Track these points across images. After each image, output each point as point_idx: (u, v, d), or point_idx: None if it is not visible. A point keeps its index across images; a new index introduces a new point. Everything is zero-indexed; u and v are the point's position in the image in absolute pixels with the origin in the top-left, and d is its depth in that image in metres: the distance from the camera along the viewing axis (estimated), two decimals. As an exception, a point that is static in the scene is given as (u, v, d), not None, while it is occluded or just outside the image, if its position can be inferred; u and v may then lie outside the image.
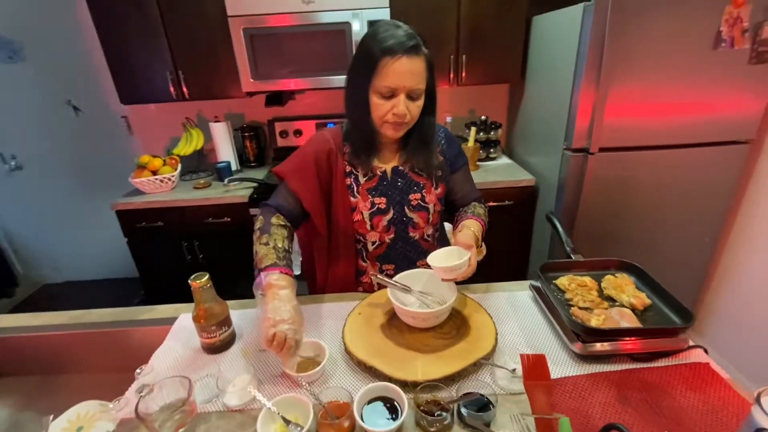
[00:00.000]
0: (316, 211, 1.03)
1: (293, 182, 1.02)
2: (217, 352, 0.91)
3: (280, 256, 0.90)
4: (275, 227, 0.96)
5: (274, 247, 0.92)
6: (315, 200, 1.02)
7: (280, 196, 1.03)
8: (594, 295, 0.91)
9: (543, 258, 2.01)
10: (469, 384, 0.78)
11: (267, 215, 0.99)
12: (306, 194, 1.02)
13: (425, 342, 0.86)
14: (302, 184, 1.02)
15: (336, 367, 0.85)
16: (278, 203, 1.02)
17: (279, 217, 1.00)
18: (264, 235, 0.94)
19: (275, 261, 0.88)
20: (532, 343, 0.89)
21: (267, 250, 0.90)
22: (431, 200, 1.06)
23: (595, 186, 1.68)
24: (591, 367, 0.81)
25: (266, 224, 0.97)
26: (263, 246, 0.92)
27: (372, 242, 1.08)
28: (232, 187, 2.03)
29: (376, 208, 1.03)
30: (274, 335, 0.75)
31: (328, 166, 1.03)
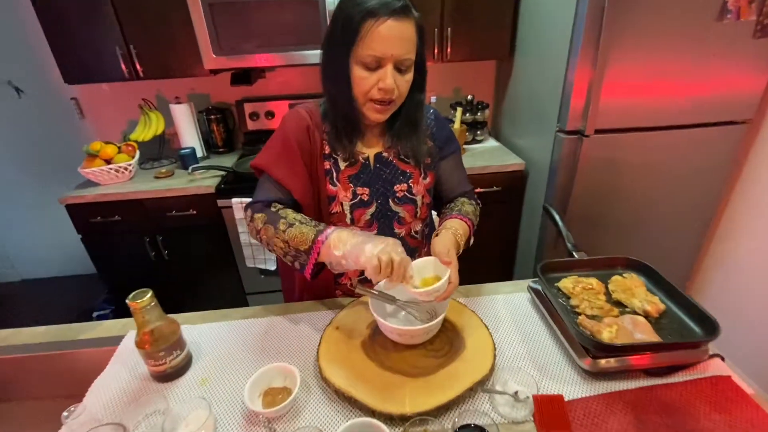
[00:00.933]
0: (308, 201, 0.89)
1: (278, 171, 0.86)
2: (168, 380, 0.77)
3: (316, 223, 0.80)
4: (282, 210, 0.84)
5: (303, 221, 0.80)
6: (305, 188, 0.88)
7: (265, 191, 0.88)
8: (602, 301, 0.81)
9: (531, 249, 1.93)
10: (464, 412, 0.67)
11: (263, 210, 0.85)
12: (295, 182, 0.87)
13: (414, 363, 0.74)
14: (288, 171, 0.87)
15: (309, 396, 0.72)
16: (269, 198, 0.87)
17: (276, 205, 0.86)
18: (280, 223, 0.80)
19: (316, 229, 0.78)
20: (535, 356, 0.78)
21: (298, 229, 0.78)
22: (419, 191, 0.93)
23: (589, 170, 1.57)
24: (602, 385, 0.72)
25: (270, 215, 0.83)
26: (291, 229, 0.79)
27: None
28: (197, 176, 1.84)
29: (358, 199, 0.90)
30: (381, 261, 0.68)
31: (309, 147, 0.88)
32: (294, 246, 0.78)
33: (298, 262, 0.80)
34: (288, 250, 0.80)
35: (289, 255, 0.80)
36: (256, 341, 0.85)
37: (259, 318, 0.93)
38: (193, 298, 2.02)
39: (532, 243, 1.91)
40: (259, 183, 0.90)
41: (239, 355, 0.82)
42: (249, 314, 0.94)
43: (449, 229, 0.84)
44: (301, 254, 0.78)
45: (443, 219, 0.92)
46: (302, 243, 0.77)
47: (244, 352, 0.83)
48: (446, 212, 0.95)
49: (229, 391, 0.74)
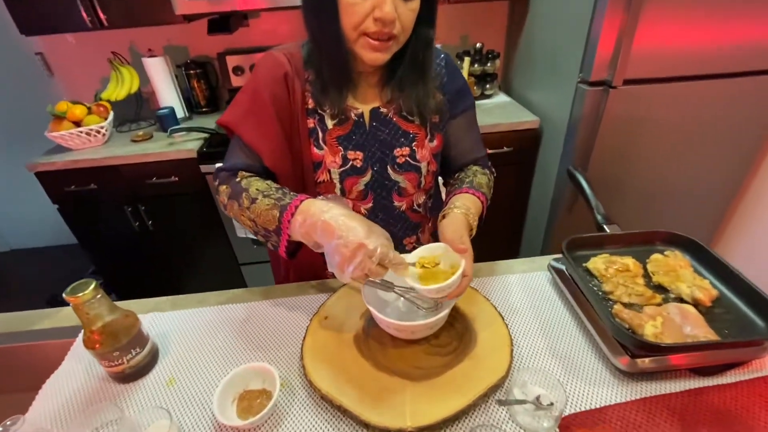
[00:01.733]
0: (284, 168, 0.74)
1: (245, 131, 0.72)
2: (129, 381, 0.66)
3: (282, 194, 0.66)
4: (246, 180, 0.71)
5: (267, 193, 0.66)
6: (279, 153, 0.73)
7: (235, 155, 0.74)
8: (641, 285, 0.68)
9: (541, 220, 1.78)
10: (475, 422, 0.56)
11: (228, 180, 0.72)
12: (265, 145, 0.72)
13: (415, 362, 0.62)
14: (258, 131, 0.72)
15: (293, 400, 0.61)
16: (235, 164, 0.74)
17: (242, 173, 0.73)
18: (242, 198, 0.68)
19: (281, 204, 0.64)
20: (558, 351, 0.66)
21: (262, 204, 0.65)
22: (424, 157, 0.77)
23: (612, 128, 1.40)
24: (640, 387, 0.60)
25: (234, 187, 0.70)
26: (254, 205, 0.66)
27: None
28: (178, 139, 1.68)
29: (349, 166, 0.74)
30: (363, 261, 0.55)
31: (287, 101, 0.72)
32: (262, 225, 0.65)
33: (270, 242, 0.67)
34: (257, 229, 0.67)
35: (259, 234, 0.68)
36: (234, 332, 0.74)
37: (239, 303, 0.81)
38: (187, 270, 1.92)
39: (543, 213, 1.77)
40: (230, 145, 0.75)
41: (214, 348, 0.71)
42: (227, 299, 0.82)
43: (460, 208, 0.69)
44: (271, 234, 0.65)
45: (452, 193, 0.77)
46: (269, 222, 0.64)
47: (220, 345, 0.72)
48: (455, 184, 0.80)
49: (201, 393, 0.63)
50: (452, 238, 0.62)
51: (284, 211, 0.62)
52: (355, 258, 0.54)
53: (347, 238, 0.55)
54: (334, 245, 0.56)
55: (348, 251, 0.54)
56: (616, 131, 1.40)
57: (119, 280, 1.94)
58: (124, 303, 0.83)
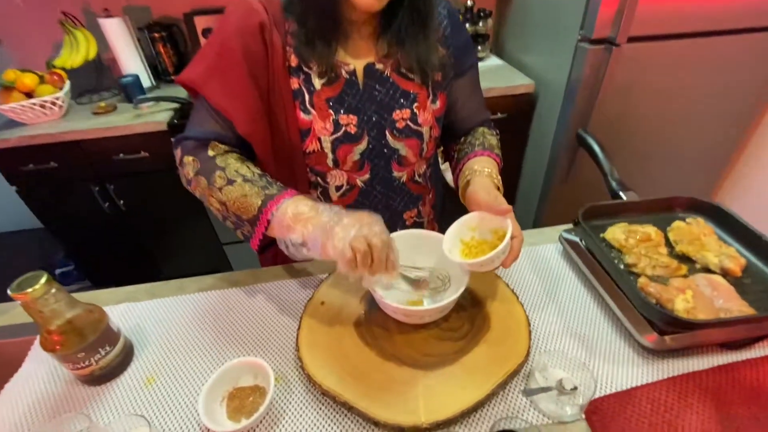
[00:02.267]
0: (260, 138, 0.64)
1: (214, 93, 0.60)
2: (100, 383, 0.58)
3: (267, 182, 0.58)
4: (221, 157, 0.60)
5: (248, 178, 0.57)
6: (255, 118, 0.62)
7: (199, 121, 0.63)
8: (665, 256, 0.62)
9: (535, 191, 1.73)
10: (494, 412, 0.51)
11: (195, 152, 0.61)
12: (238, 109, 0.61)
13: (425, 349, 0.56)
14: (228, 92, 0.60)
15: (290, 397, 0.55)
16: (205, 133, 0.62)
17: (215, 146, 0.62)
18: (215, 177, 0.58)
19: (265, 193, 0.55)
20: (576, 330, 0.61)
21: (240, 190, 0.56)
22: (426, 120, 0.68)
23: (614, 90, 1.33)
24: (667, 365, 0.56)
25: (204, 162, 0.60)
26: (230, 188, 0.57)
27: (336, 187, 0.71)
28: (145, 111, 1.53)
29: (342, 132, 0.65)
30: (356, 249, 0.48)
31: (264, 56, 0.61)
32: (234, 211, 0.57)
33: (241, 231, 0.59)
34: (227, 214, 0.58)
35: (228, 220, 0.59)
36: (219, 322, 0.66)
37: (223, 290, 0.73)
38: (166, 252, 1.81)
39: (536, 184, 1.71)
40: (194, 109, 0.64)
41: (197, 342, 0.63)
42: (209, 285, 0.74)
43: (483, 171, 0.62)
44: (244, 223, 0.57)
45: (465, 158, 0.69)
46: (245, 210, 0.56)
47: (204, 337, 0.64)
48: (465, 149, 0.72)
49: (184, 393, 0.56)
50: (488, 202, 0.57)
51: (269, 200, 0.54)
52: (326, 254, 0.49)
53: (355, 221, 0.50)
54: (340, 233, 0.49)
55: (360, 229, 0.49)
56: (616, 93, 1.33)
57: (93, 264, 1.82)
58: (93, 294, 0.74)
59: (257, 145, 0.64)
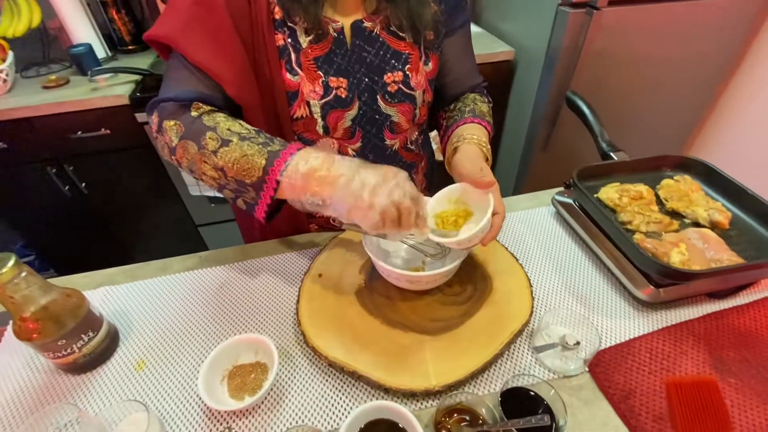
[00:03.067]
0: (251, 100, 0.58)
1: (195, 48, 0.53)
2: (85, 371, 0.54)
3: (266, 138, 0.51)
4: (208, 116, 0.53)
5: (245, 135, 0.51)
6: (244, 77, 0.56)
7: (177, 82, 0.55)
8: (657, 212, 0.64)
9: (513, 159, 1.74)
10: (502, 371, 0.51)
11: (177, 115, 0.53)
12: (225, 66, 0.54)
13: (430, 314, 0.55)
14: (213, 46, 0.53)
15: (294, 371, 0.53)
16: (181, 93, 0.54)
17: (199, 106, 0.54)
18: (206, 138, 0.51)
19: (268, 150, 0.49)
20: (574, 287, 0.62)
21: (238, 149, 0.49)
22: (419, 83, 0.65)
23: (594, 55, 1.33)
24: (660, 316, 0.58)
25: (189, 123, 0.52)
26: (225, 149, 0.50)
27: None
28: (102, 83, 1.40)
29: (332, 96, 0.61)
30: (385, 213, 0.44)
31: (248, 8, 0.55)
32: (234, 176, 0.50)
33: (243, 199, 0.52)
34: (225, 182, 0.51)
35: (227, 188, 0.52)
36: (210, 301, 0.63)
37: (210, 268, 0.69)
38: (136, 237, 1.71)
39: (516, 152, 1.72)
40: (166, 70, 0.57)
41: (188, 322, 0.60)
42: (194, 264, 0.70)
43: (470, 139, 0.60)
44: (247, 189, 0.50)
45: (454, 125, 0.67)
46: (247, 173, 0.49)
47: (195, 317, 0.60)
48: (454, 116, 0.69)
49: (180, 375, 0.53)
50: (471, 172, 0.53)
51: (275, 158, 0.48)
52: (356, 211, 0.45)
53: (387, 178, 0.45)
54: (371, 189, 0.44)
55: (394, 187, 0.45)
56: (596, 61, 1.34)
57: (57, 253, 1.70)
58: (66, 279, 0.68)
59: (248, 110, 0.59)
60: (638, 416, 0.47)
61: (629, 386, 0.50)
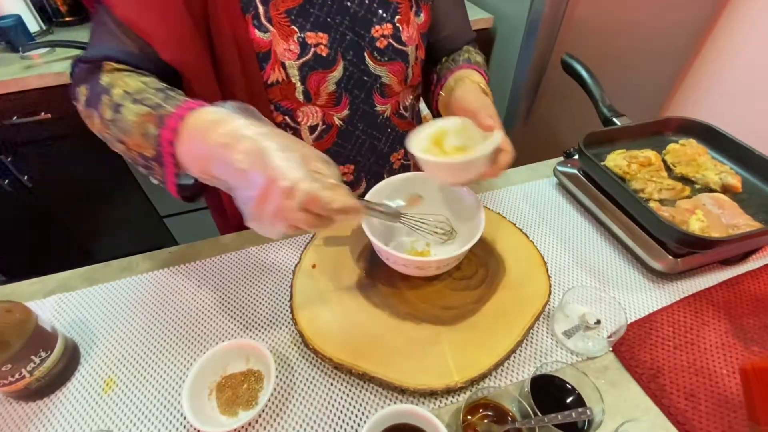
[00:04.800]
0: (192, 63, 0.48)
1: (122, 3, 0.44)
2: (40, 397, 0.45)
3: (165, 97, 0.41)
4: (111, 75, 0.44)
5: (135, 99, 0.41)
6: (180, 35, 0.46)
7: (98, 38, 0.46)
8: (667, 179, 0.61)
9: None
10: (522, 359, 0.47)
11: (88, 77, 0.45)
12: (154, 23, 0.45)
13: (442, 301, 0.50)
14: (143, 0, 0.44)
15: (293, 377, 0.46)
16: (104, 51, 0.45)
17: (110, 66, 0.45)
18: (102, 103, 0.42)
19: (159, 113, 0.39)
20: (585, 262, 0.59)
21: (129, 114, 0.40)
22: (411, 38, 0.57)
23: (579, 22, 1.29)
24: (676, 287, 0.55)
25: (94, 87, 0.43)
26: (118, 115, 0.41)
27: (310, 127, 0.59)
28: (37, 60, 1.23)
29: (311, 55, 0.52)
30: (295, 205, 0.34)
31: None
32: (135, 149, 0.41)
33: (154, 177, 0.44)
34: (131, 155, 0.43)
35: (138, 164, 0.44)
36: (185, 304, 0.55)
37: (181, 265, 0.60)
38: (93, 234, 1.56)
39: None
40: (93, 24, 0.47)
41: (162, 330, 0.52)
42: (162, 261, 0.61)
43: (471, 79, 0.55)
44: (151, 165, 0.41)
45: (447, 73, 0.60)
46: (144, 145, 0.40)
47: (170, 324, 0.52)
48: (447, 65, 0.63)
49: (159, 392, 0.46)
50: (477, 108, 0.47)
51: (161, 126, 0.38)
52: (266, 202, 0.34)
53: (250, 173, 0.34)
54: (235, 184, 0.35)
55: (256, 193, 0.34)
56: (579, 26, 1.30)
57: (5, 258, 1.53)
58: (10, 288, 0.58)
59: (194, 78, 0.49)
60: (669, 395, 0.44)
61: (657, 364, 0.47)
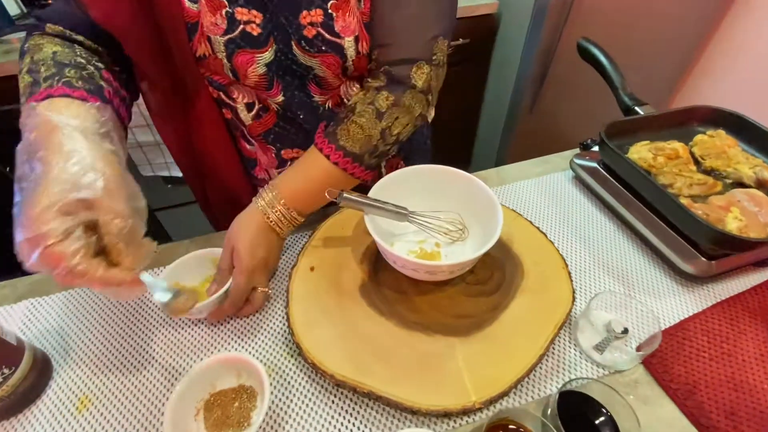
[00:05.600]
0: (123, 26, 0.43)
1: None
2: (5, 418, 0.40)
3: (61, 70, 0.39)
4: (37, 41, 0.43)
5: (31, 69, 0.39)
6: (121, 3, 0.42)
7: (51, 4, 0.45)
8: (696, 173, 0.56)
9: (497, 125, 1.64)
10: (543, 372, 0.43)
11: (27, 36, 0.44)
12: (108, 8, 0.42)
13: (455, 309, 0.45)
14: None
15: (291, 395, 0.42)
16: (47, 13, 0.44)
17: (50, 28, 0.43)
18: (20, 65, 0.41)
19: (30, 90, 0.37)
20: (608, 263, 0.54)
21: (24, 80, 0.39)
22: (348, 27, 0.46)
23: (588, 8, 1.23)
24: (707, 291, 0.51)
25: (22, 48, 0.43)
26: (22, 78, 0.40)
27: (247, 105, 0.53)
28: (16, 45, 1.16)
29: (239, 32, 0.46)
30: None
31: None
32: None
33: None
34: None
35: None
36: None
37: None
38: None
39: (499, 116, 1.62)
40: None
41: (145, 341, 0.47)
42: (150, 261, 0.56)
43: (263, 198, 0.48)
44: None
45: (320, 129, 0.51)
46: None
47: (153, 334, 0.47)
48: (338, 114, 0.50)
49: (139, 411, 0.41)
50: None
51: (31, 97, 0.37)
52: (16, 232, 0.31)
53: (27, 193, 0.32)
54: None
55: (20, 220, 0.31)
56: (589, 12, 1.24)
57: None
58: (-27, 292, 0.52)
59: (127, 44, 0.44)
60: (708, 414, 0.40)
61: (692, 378, 0.42)
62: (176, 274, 0.48)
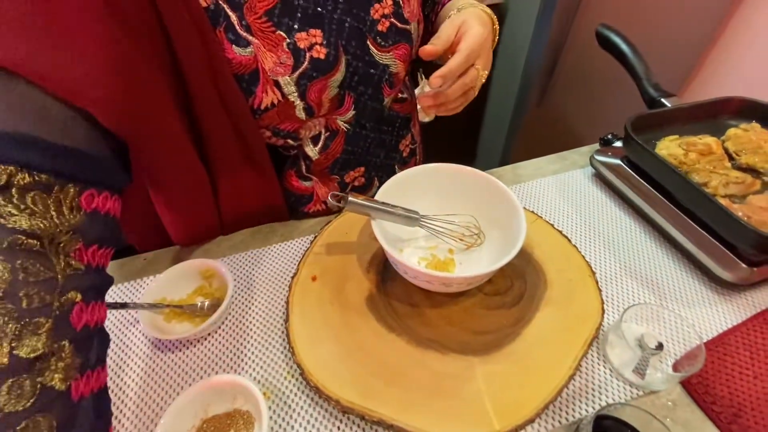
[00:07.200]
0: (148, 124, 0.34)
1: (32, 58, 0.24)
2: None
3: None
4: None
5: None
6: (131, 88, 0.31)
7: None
8: (732, 169, 0.51)
9: (503, 119, 1.59)
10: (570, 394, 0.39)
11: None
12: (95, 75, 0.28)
13: (472, 324, 0.41)
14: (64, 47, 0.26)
15: (292, 421, 0.38)
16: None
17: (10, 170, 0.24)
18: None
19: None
20: (635, 270, 0.50)
21: None
22: (413, 12, 0.48)
23: None
24: (744, 300, 0.46)
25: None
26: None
27: (312, 139, 0.48)
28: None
29: (308, 61, 0.40)
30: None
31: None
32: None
33: None
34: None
35: None
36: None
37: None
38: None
39: (506, 108, 1.57)
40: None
41: (130, 363, 0.43)
42: (137, 271, 0.51)
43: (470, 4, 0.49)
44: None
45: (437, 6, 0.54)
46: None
47: (140, 354, 0.43)
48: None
49: (123, 441, 0.37)
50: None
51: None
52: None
53: None
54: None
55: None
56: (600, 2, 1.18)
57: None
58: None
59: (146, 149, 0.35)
60: (758, 441, 0.36)
61: (737, 399, 0.38)
62: (164, 288, 0.44)
